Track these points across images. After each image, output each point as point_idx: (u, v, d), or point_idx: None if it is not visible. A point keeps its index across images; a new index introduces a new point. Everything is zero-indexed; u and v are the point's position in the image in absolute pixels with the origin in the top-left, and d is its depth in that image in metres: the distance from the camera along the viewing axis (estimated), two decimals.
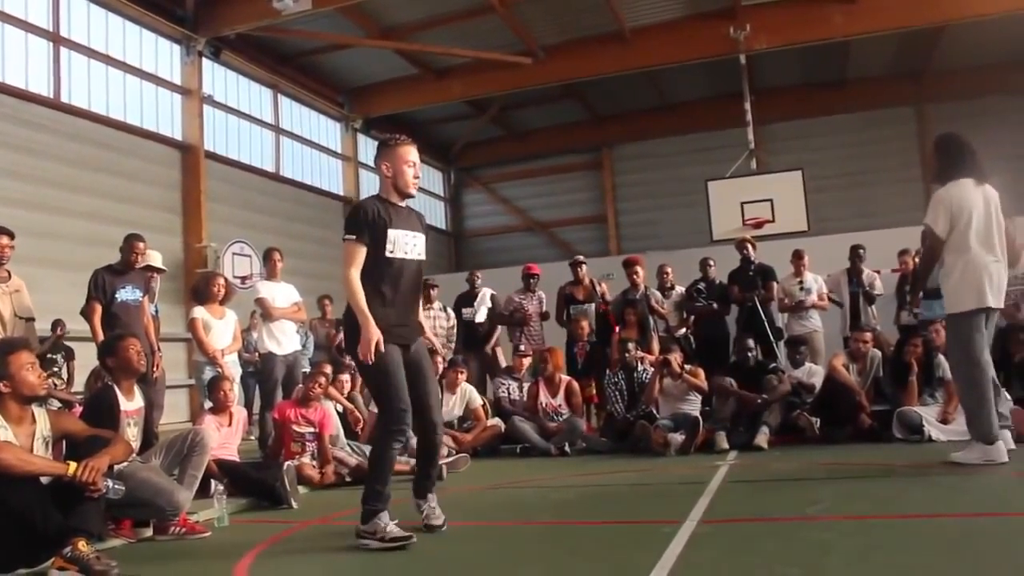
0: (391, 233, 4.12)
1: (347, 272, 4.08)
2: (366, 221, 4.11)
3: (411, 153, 4.25)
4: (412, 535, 3.92)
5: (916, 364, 7.10)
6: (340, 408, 7.45)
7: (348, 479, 6.30)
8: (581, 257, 10.12)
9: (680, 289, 9.81)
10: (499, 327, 10.13)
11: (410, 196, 4.31)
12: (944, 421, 6.86)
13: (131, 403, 4.62)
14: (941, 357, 7.17)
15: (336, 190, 17.88)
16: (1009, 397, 6.47)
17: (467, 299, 10.09)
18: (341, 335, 10.51)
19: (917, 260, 9.43)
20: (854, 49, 16.32)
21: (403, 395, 4.05)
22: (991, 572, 3.02)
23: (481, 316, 9.91)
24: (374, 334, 3.94)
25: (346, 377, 7.85)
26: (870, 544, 3.52)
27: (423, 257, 4.31)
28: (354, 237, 4.10)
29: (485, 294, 10.04)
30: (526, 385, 8.50)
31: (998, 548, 3.38)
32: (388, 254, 4.11)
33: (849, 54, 16.70)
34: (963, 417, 6.83)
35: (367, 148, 19.06)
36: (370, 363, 3.95)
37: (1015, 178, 10.23)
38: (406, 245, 4.18)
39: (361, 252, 4.10)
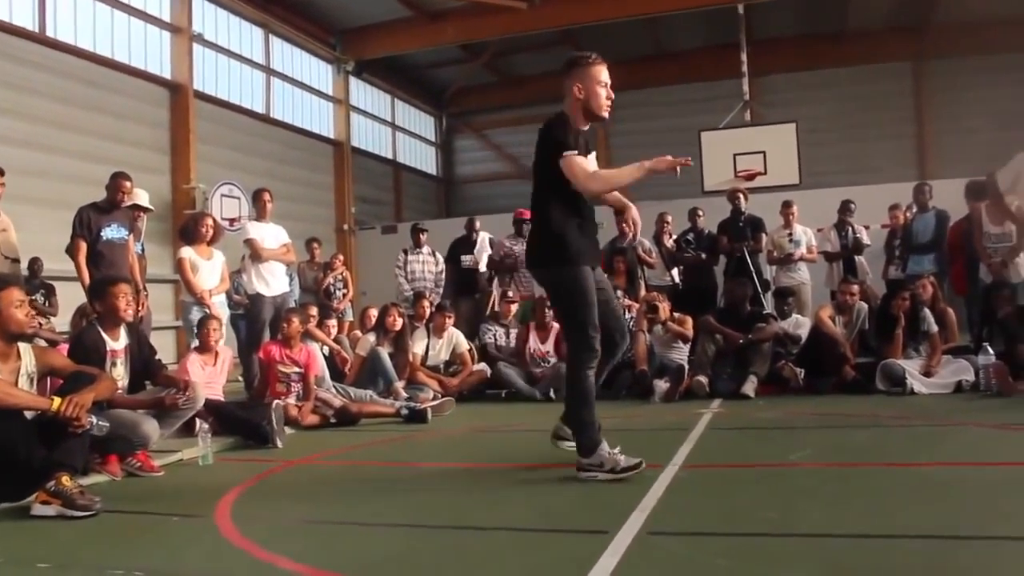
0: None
1: (590, 179, 3.94)
2: (576, 142, 3.96)
3: (604, 73, 4.03)
4: (642, 460, 3.84)
5: (903, 317, 7.12)
6: (327, 350, 7.45)
7: (332, 420, 6.33)
8: None
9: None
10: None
11: (601, 119, 4.13)
12: (927, 374, 6.89)
13: (116, 343, 4.62)
14: (927, 311, 7.21)
15: (327, 133, 17.72)
16: (991, 351, 6.52)
17: (465, 245, 9.97)
18: (329, 279, 10.55)
19: (908, 215, 9.48)
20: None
21: (595, 318, 3.94)
22: (967, 518, 3.06)
23: (484, 263, 9.84)
24: (662, 160, 3.87)
25: (333, 322, 7.85)
26: (850, 490, 3.56)
27: None
28: (575, 152, 3.94)
29: (484, 239, 9.93)
30: (513, 331, 8.50)
31: (976, 495, 3.42)
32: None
33: (849, 4, 16.50)
34: (945, 370, 6.92)
35: (358, 91, 18.87)
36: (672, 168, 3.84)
37: (1015, 137, 10.21)
38: None
39: (587, 161, 3.97)
